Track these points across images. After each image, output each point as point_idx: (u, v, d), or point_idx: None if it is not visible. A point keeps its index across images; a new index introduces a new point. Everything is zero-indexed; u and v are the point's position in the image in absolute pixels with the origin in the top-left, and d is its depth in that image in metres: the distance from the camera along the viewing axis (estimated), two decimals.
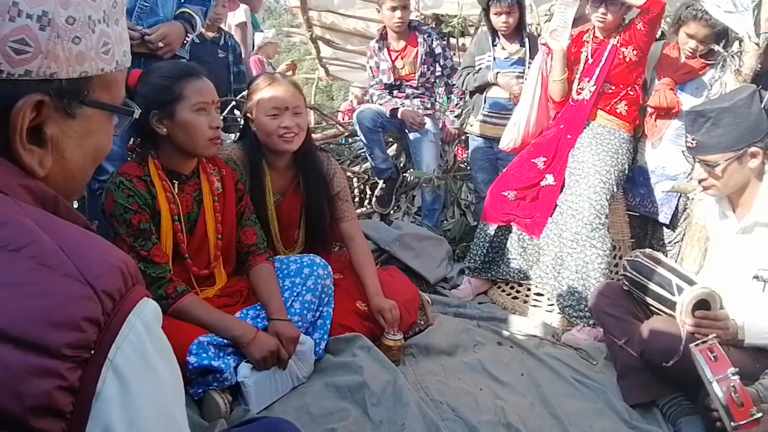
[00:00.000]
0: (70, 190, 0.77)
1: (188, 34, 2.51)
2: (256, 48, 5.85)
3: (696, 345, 1.80)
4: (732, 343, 1.93)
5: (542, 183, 2.95)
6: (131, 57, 2.41)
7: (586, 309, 2.61)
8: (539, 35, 3.10)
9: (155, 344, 0.67)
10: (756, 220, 2.00)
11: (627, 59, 2.88)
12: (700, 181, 2.07)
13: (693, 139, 2.04)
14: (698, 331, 1.94)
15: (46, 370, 0.56)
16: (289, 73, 6.04)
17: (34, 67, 0.67)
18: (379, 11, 3.79)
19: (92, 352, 0.59)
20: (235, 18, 4.93)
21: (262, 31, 6.35)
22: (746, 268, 1.98)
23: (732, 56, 2.56)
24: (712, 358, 1.74)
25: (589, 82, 2.93)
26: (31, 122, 0.68)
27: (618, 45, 2.87)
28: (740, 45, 2.53)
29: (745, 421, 1.61)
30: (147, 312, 0.66)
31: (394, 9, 3.59)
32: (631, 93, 2.97)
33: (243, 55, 4.81)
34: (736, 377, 1.68)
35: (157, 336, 0.67)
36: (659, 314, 2.14)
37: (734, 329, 1.93)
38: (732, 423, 1.62)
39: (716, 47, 2.74)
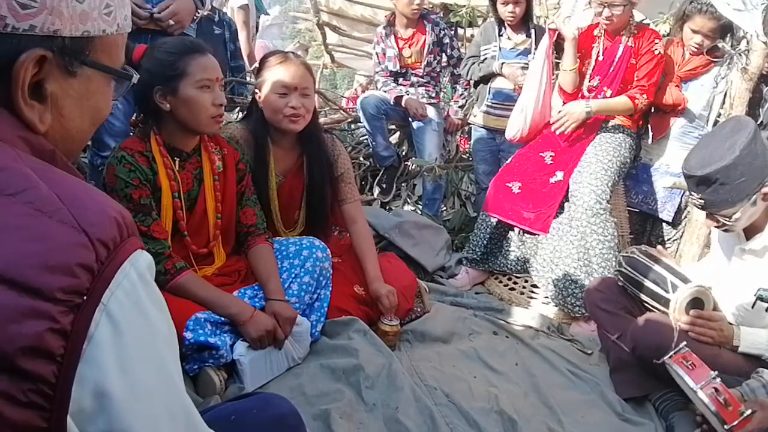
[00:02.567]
0: (67, 150, 0.78)
1: (198, 10, 2.48)
2: (260, 31, 5.79)
3: (669, 356, 1.80)
4: (726, 346, 1.93)
5: (551, 180, 2.90)
6: (138, 33, 2.39)
7: None
8: (552, 22, 3.08)
9: (149, 293, 0.67)
10: (766, 245, 1.94)
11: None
12: (715, 226, 1.96)
13: (700, 198, 1.89)
14: (692, 330, 1.94)
15: (38, 311, 0.56)
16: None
17: (38, 22, 0.68)
18: None
19: (85, 297, 0.60)
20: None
21: (267, 14, 6.28)
22: (748, 285, 1.94)
23: (739, 54, 2.55)
24: (690, 366, 1.74)
25: (601, 81, 2.92)
26: (32, 77, 0.69)
27: (631, 47, 2.87)
28: (748, 43, 2.52)
29: (737, 421, 1.61)
30: (141, 262, 0.67)
31: None
32: None
33: (246, 39, 4.77)
34: (718, 380, 1.68)
35: (150, 286, 0.68)
36: (653, 311, 2.14)
37: (730, 333, 1.93)
38: (725, 426, 1.62)
39: (721, 44, 2.74)
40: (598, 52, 2.95)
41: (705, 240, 2.63)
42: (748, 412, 1.61)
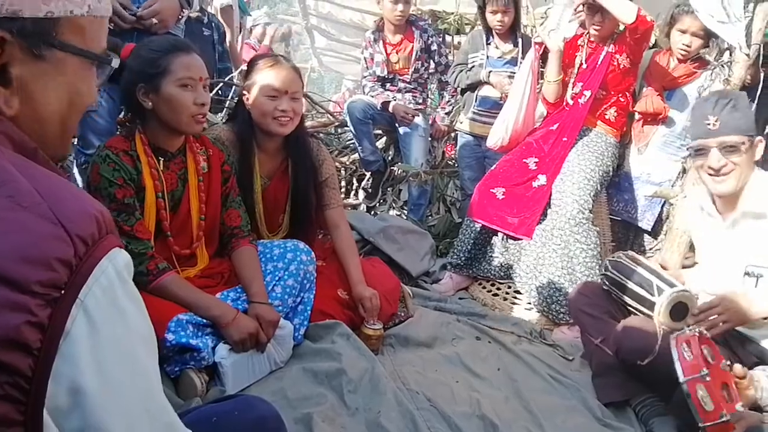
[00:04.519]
0: (46, 137, 0.77)
1: (184, 10, 2.47)
2: (247, 32, 5.77)
3: (675, 335, 1.78)
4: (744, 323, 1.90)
5: (534, 184, 2.93)
6: (126, 31, 2.38)
7: None
8: (537, 36, 3.11)
9: (126, 291, 0.67)
10: (744, 211, 2.01)
11: (621, 66, 2.91)
12: (717, 170, 1.99)
13: (716, 121, 1.98)
14: (707, 328, 1.87)
15: (15, 304, 0.56)
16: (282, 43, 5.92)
17: None
18: (378, 3, 3.78)
19: (62, 291, 0.60)
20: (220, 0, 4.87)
21: (250, 15, 6.27)
22: (737, 264, 1.98)
23: (722, 66, 2.59)
24: (687, 357, 1.73)
25: (584, 87, 2.95)
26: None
27: (612, 52, 2.90)
28: (731, 55, 2.56)
29: (712, 423, 1.62)
30: (119, 259, 0.67)
31: (396, 2, 3.59)
32: (622, 100, 3.01)
33: (229, 39, 4.76)
34: (708, 379, 1.69)
35: (128, 284, 0.68)
36: (636, 315, 2.16)
37: (743, 306, 1.88)
38: (700, 424, 1.63)
39: (706, 56, 2.78)
40: (581, 60, 2.98)
41: (685, 248, 2.65)
42: (727, 417, 1.61)
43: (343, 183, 4.23)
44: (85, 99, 0.81)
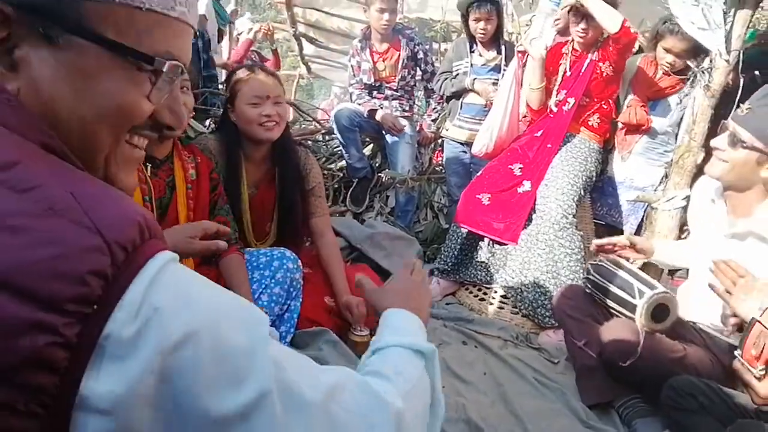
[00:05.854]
0: (68, 145, 0.65)
1: None
2: (234, 41, 5.78)
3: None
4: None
5: (519, 189, 2.97)
6: None
7: None
8: (520, 44, 3.16)
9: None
10: (751, 230, 1.94)
11: (604, 74, 2.96)
12: (713, 149, 1.95)
13: (747, 109, 1.87)
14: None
15: (41, 324, 0.51)
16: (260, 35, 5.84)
17: None
18: (365, 11, 3.82)
19: (95, 307, 0.53)
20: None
21: (232, 22, 6.25)
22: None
23: (702, 72, 2.63)
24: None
25: (567, 94, 2.99)
26: (1, 42, 0.61)
27: (596, 60, 2.94)
28: (711, 62, 2.60)
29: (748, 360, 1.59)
30: (160, 260, 0.59)
31: (382, 11, 3.63)
32: (605, 106, 3.05)
33: (211, 47, 4.75)
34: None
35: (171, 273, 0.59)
36: (619, 317, 2.19)
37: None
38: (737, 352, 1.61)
39: (692, 64, 2.81)
40: (565, 68, 3.03)
41: None
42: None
43: (330, 190, 4.25)
44: (124, 109, 0.67)
